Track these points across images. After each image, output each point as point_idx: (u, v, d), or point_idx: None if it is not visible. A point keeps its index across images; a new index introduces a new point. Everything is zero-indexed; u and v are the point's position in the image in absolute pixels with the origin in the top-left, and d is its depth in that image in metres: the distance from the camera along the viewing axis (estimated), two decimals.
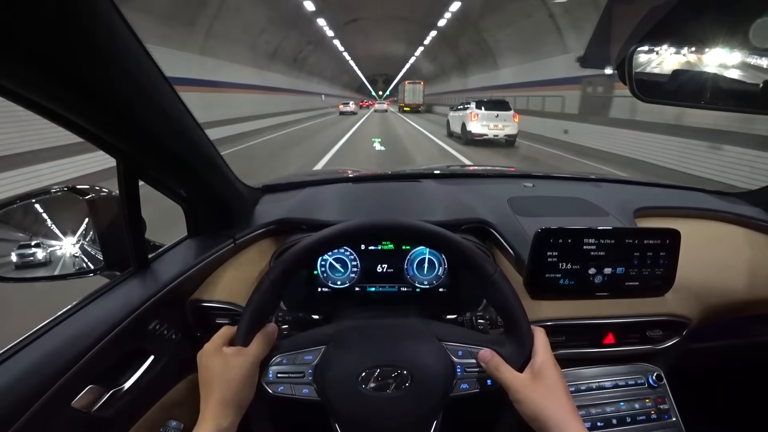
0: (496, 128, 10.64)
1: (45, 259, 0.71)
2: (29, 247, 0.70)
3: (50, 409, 0.48)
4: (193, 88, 10.65)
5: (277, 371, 0.54)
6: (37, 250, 0.71)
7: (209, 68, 12.36)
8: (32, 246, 0.70)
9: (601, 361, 0.77)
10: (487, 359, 0.53)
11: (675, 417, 0.74)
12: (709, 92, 0.73)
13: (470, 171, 1.41)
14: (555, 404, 0.49)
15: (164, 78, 0.49)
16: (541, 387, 0.50)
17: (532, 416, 0.49)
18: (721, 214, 1.01)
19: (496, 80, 19.73)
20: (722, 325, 0.86)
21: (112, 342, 0.56)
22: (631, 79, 0.74)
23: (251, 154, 9.40)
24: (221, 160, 0.71)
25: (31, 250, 0.70)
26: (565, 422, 0.48)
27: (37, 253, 0.70)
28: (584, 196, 1.02)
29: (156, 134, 0.54)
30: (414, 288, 0.85)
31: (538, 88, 14.40)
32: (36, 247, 0.70)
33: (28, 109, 0.42)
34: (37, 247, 0.71)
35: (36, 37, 0.32)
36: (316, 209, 0.92)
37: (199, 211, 0.79)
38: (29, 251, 0.70)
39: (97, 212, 0.69)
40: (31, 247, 0.70)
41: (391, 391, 0.52)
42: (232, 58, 14.09)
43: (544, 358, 0.52)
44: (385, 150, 10.09)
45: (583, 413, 0.72)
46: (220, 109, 11.93)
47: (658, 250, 0.73)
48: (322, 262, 0.85)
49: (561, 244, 0.71)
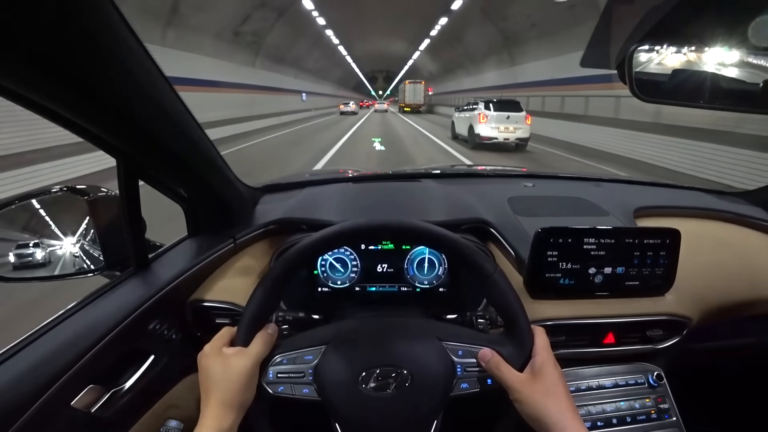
0: (506, 131, 9.78)
1: (45, 259, 0.71)
2: (29, 247, 0.70)
3: (50, 408, 0.48)
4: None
5: (277, 371, 0.54)
6: (37, 250, 0.70)
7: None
8: (32, 246, 0.70)
9: (601, 361, 0.77)
10: (487, 358, 0.53)
11: (675, 417, 0.74)
12: (709, 92, 0.73)
13: (470, 171, 1.41)
14: (554, 404, 0.49)
15: (164, 78, 0.49)
16: (540, 387, 0.50)
17: (532, 416, 0.49)
18: (721, 213, 1.01)
19: (513, 77, 16.83)
20: (722, 324, 0.86)
21: (112, 342, 0.56)
22: (631, 79, 0.74)
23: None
24: (221, 160, 0.71)
25: (31, 250, 0.70)
26: (564, 422, 0.48)
27: (36, 253, 0.70)
28: (584, 195, 1.02)
29: (156, 134, 0.54)
30: (414, 288, 0.85)
31: (574, 86, 11.29)
32: (36, 247, 0.70)
33: (28, 109, 0.42)
34: (36, 247, 0.70)
35: (36, 37, 0.32)
36: (316, 209, 0.92)
37: (199, 211, 0.79)
38: (29, 251, 0.70)
39: (97, 212, 0.69)
40: (30, 247, 0.70)
41: (391, 391, 0.52)
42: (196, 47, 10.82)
43: (544, 358, 0.52)
44: (384, 150, 9.99)
45: (583, 413, 0.72)
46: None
47: (658, 249, 0.73)
48: (322, 261, 0.85)
49: (561, 243, 0.71)
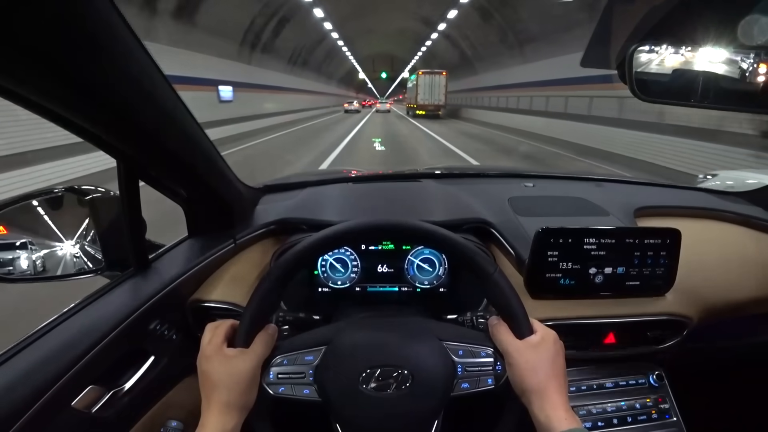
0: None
1: (45, 259, 0.71)
2: (29, 248, 0.70)
3: (51, 409, 0.48)
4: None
5: (277, 372, 0.54)
6: (38, 250, 0.70)
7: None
8: (32, 246, 0.70)
9: (602, 361, 0.77)
10: (494, 323, 0.56)
11: (675, 416, 0.74)
12: (710, 92, 0.73)
13: (471, 171, 1.41)
14: (540, 374, 0.50)
15: (164, 78, 0.49)
16: (532, 356, 0.52)
17: (518, 382, 0.51)
18: (721, 213, 1.01)
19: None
20: (723, 324, 0.86)
21: (112, 342, 0.56)
22: (632, 79, 0.74)
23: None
24: (221, 160, 0.71)
25: (32, 251, 0.70)
26: (544, 391, 0.50)
27: (37, 253, 0.70)
28: (585, 195, 1.02)
29: (156, 134, 0.54)
30: (414, 288, 0.85)
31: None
32: (36, 248, 0.70)
33: (28, 109, 0.42)
34: (37, 247, 0.70)
35: (36, 37, 0.32)
36: (316, 209, 0.92)
37: (200, 211, 0.79)
38: (29, 252, 0.70)
39: (97, 212, 0.69)
40: (31, 247, 0.70)
41: (391, 391, 0.52)
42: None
43: (545, 334, 0.54)
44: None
45: (584, 413, 0.72)
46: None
47: (659, 249, 0.73)
48: (322, 262, 0.85)
49: (561, 243, 0.71)
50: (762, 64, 0.70)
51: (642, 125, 8.38)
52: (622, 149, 8.75)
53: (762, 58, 0.70)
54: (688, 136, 7.20)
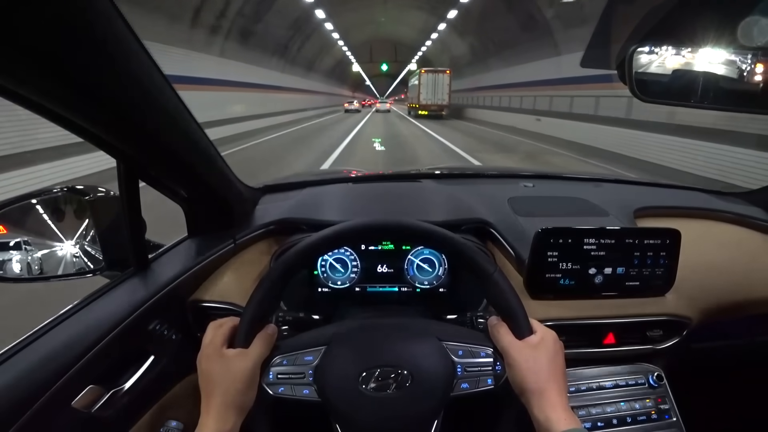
0: None
1: (45, 259, 0.71)
2: (29, 248, 0.70)
3: (50, 409, 0.48)
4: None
5: (277, 372, 0.54)
6: (38, 250, 0.70)
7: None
8: (32, 246, 0.70)
9: (602, 361, 0.77)
10: (493, 323, 0.56)
11: (675, 417, 0.74)
12: (710, 92, 0.74)
13: (470, 171, 1.41)
14: (540, 374, 0.51)
15: (164, 78, 0.49)
16: (532, 356, 0.52)
17: (517, 381, 0.51)
18: (721, 213, 1.01)
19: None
20: (722, 325, 0.86)
21: (112, 342, 0.56)
22: (632, 79, 0.74)
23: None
24: (221, 160, 0.71)
25: (32, 251, 0.70)
26: (543, 391, 0.50)
27: (37, 253, 0.70)
28: (584, 196, 1.02)
29: (156, 134, 0.54)
30: (414, 288, 0.85)
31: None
32: (36, 248, 0.70)
33: (28, 109, 0.42)
34: (37, 247, 0.70)
35: (37, 37, 0.32)
36: (316, 209, 0.92)
37: (199, 211, 0.79)
38: (29, 252, 0.70)
39: (97, 212, 0.69)
40: (31, 247, 0.70)
41: (391, 392, 0.52)
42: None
43: (544, 335, 0.54)
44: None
45: (584, 413, 0.72)
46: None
47: (659, 250, 0.73)
48: (322, 262, 0.85)
49: (561, 244, 0.71)
50: (760, 65, 0.70)
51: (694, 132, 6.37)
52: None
53: (761, 59, 0.70)
54: None
